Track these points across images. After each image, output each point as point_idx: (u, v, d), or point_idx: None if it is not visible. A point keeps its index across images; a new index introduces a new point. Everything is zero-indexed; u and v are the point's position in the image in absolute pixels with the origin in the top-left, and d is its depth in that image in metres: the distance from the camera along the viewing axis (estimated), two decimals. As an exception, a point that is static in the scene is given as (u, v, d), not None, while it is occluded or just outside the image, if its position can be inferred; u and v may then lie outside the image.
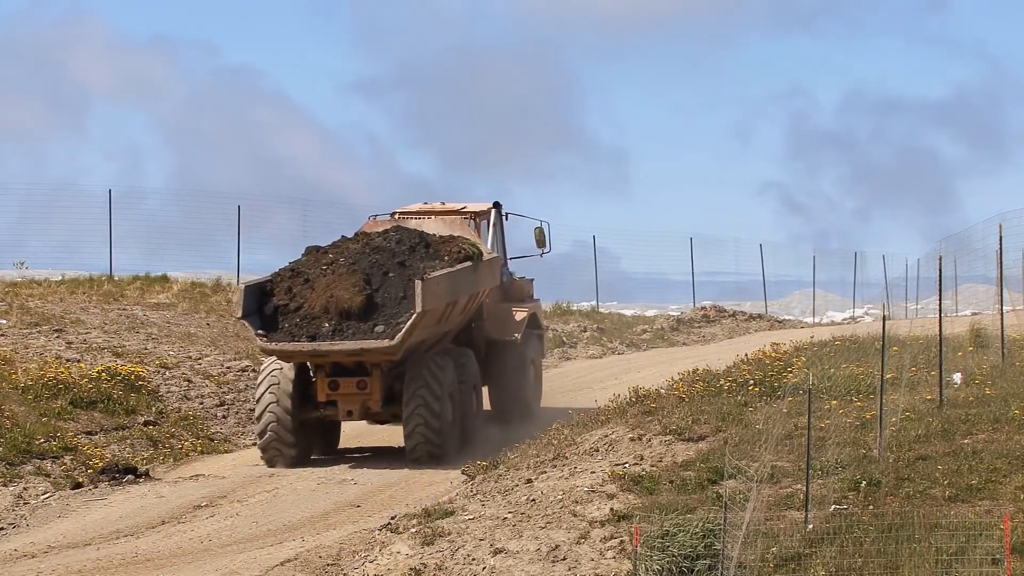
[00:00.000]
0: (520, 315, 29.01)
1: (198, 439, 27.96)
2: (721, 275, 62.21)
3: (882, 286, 56.48)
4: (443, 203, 29.41)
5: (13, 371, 28.49)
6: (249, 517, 22.27)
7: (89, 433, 26.95)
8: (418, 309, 24.57)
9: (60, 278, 40.78)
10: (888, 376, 21.30)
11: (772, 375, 24.64)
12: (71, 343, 31.29)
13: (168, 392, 29.73)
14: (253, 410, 26.58)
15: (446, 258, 26.03)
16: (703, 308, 48.05)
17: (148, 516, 22.60)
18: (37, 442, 25.67)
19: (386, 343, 24.60)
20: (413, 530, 19.01)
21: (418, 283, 24.68)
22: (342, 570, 18.45)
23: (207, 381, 30.66)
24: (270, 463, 25.71)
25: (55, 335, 31.66)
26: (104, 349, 31.17)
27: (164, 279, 40.64)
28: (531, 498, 19.66)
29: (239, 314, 25.35)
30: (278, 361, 25.62)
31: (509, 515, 19.15)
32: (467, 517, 19.29)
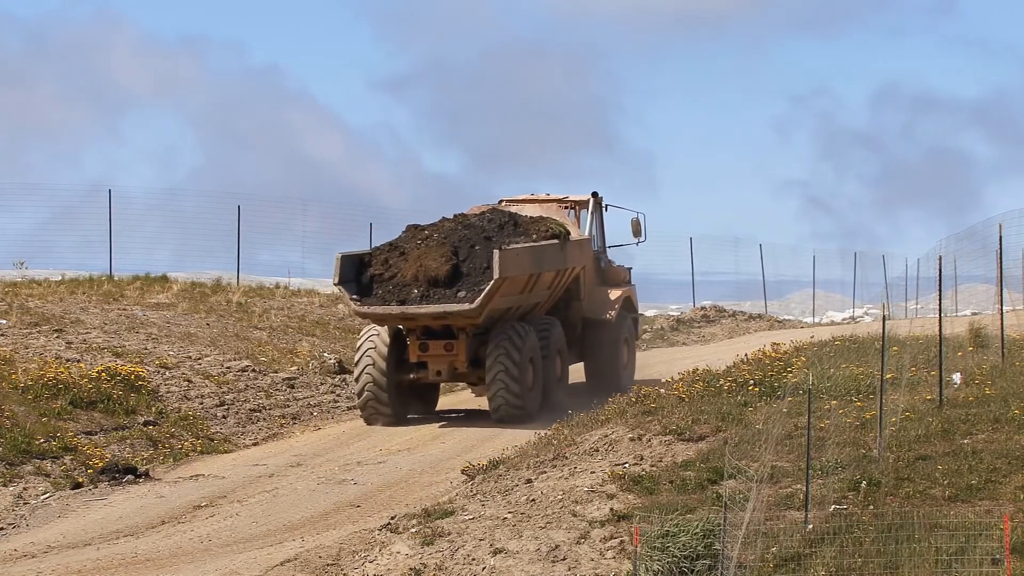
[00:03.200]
0: (615, 296, 31.80)
1: (198, 439, 27.94)
2: (721, 275, 62.21)
3: (882, 286, 56.48)
4: (548, 193, 32.11)
5: (13, 371, 28.47)
6: (249, 517, 22.25)
7: (89, 433, 26.93)
8: (496, 276, 26.99)
9: (60, 278, 40.75)
10: (888, 376, 21.30)
11: (772, 375, 24.63)
12: (71, 343, 31.28)
13: (168, 392, 29.72)
14: (352, 375, 29.01)
15: (534, 236, 28.73)
16: (703, 308, 48.03)
17: (148, 516, 22.60)
18: (37, 442, 25.65)
19: (467, 306, 27.14)
20: (413, 530, 19.01)
21: (496, 252, 27.16)
22: (342, 570, 18.43)
23: (207, 381, 30.65)
24: (368, 422, 28.32)
25: (55, 335, 31.64)
26: (104, 349, 31.16)
27: (164, 279, 40.65)
28: (531, 498, 19.66)
29: (335, 280, 27.91)
30: (375, 328, 28.31)
31: (509, 515, 19.14)
32: (467, 517, 19.28)
